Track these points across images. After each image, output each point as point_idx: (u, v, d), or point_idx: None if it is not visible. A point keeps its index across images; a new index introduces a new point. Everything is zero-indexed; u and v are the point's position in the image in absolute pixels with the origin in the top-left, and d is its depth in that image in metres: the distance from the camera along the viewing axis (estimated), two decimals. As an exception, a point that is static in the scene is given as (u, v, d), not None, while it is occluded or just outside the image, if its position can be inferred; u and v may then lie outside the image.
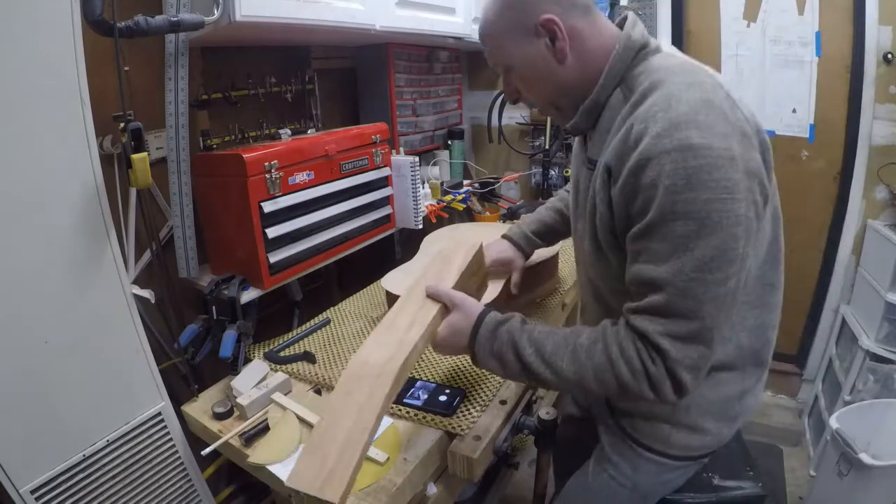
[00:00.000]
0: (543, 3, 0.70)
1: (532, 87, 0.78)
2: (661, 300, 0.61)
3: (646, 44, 0.72)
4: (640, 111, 0.64)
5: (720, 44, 1.94)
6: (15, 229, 0.80)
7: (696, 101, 0.60)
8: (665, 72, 0.66)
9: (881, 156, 1.76)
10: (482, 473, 0.90)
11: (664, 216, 0.59)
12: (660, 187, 0.59)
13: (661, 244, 0.61)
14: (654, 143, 0.59)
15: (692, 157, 0.57)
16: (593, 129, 0.76)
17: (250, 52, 1.43)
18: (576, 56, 0.72)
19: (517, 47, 0.74)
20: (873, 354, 1.62)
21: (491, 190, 1.98)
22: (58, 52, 0.82)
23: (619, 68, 0.71)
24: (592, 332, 0.70)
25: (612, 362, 0.65)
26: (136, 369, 1.00)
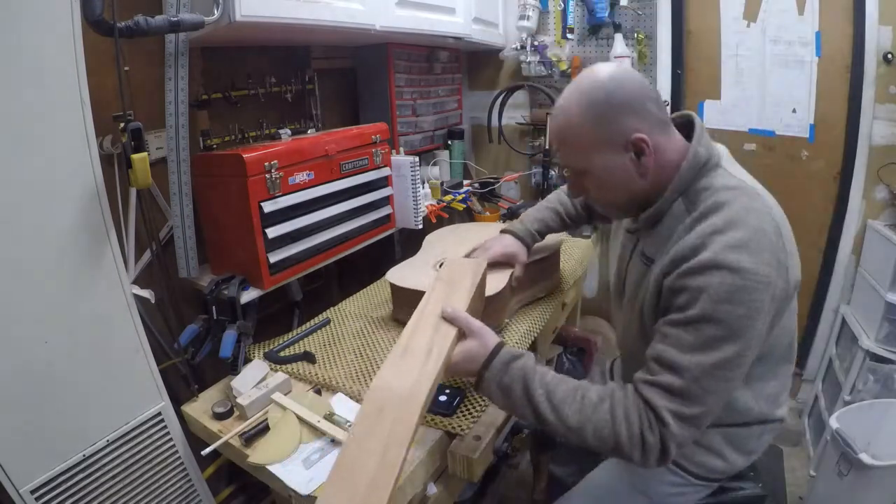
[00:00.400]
0: (635, 122, 0.76)
1: (605, 192, 0.84)
2: (676, 382, 0.70)
3: (709, 159, 0.78)
4: (703, 227, 0.73)
5: (720, 44, 1.94)
6: (15, 229, 0.80)
7: (752, 229, 0.70)
8: (727, 194, 0.75)
9: (881, 156, 1.76)
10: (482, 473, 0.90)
11: (702, 317, 0.69)
12: (705, 293, 0.69)
13: (691, 337, 0.70)
14: (710, 257, 0.69)
15: (738, 278, 0.67)
16: (651, 229, 0.83)
17: (250, 52, 1.43)
18: (655, 170, 0.79)
19: (601, 157, 0.79)
20: (873, 354, 1.62)
21: (491, 190, 1.98)
22: (58, 52, 0.82)
23: (684, 183, 0.78)
24: (601, 390, 0.77)
25: (615, 422, 0.73)
26: (136, 369, 1.00)
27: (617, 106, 0.76)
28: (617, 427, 0.73)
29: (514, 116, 2.27)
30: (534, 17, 2.06)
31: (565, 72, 2.10)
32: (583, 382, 0.79)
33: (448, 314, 0.83)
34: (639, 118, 0.76)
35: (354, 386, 1.04)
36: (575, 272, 1.54)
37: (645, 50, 1.98)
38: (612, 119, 0.76)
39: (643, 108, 0.76)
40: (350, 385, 1.04)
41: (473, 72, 2.37)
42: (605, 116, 0.76)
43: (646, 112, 0.76)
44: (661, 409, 0.71)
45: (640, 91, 0.77)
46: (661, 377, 0.72)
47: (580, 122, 0.78)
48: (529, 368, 0.80)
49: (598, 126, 0.77)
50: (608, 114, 0.76)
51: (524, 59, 2.11)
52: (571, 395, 0.76)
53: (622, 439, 0.72)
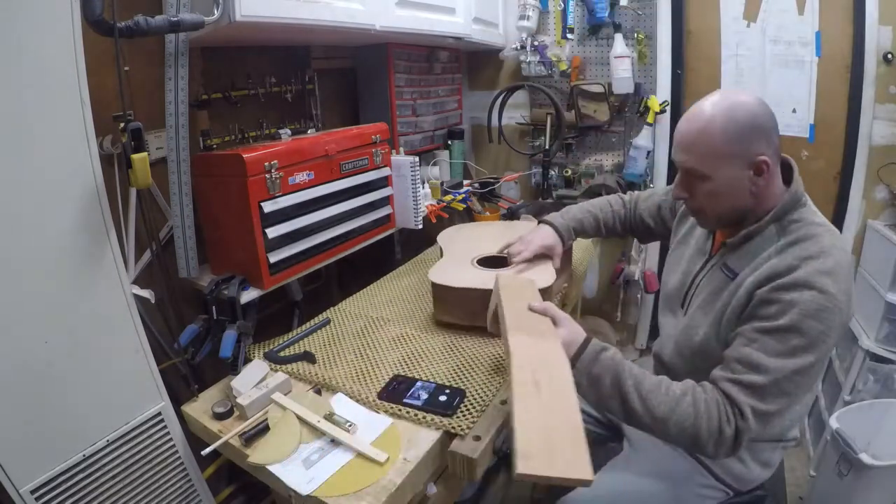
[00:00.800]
0: (763, 146, 0.84)
1: (714, 201, 0.90)
2: (759, 380, 0.78)
3: (802, 198, 0.89)
4: (797, 251, 0.82)
5: (720, 44, 1.94)
6: (15, 229, 0.80)
7: (837, 262, 0.80)
8: (817, 228, 0.85)
9: (881, 156, 1.76)
10: (482, 473, 0.90)
11: (790, 327, 0.78)
12: (796, 307, 0.77)
13: (778, 344, 0.78)
14: (804, 276, 0.79)
15: (825, 299, 0.77)
16: (739, 246, 0.91)
17: (250, 52, 1.43)
18: (761, 192, 0.87)
19: (728, 169, 0.86)
20: (873, 354, 1.62)
21: (491, 190, 1.98)
22: (58, 52, 0.82)
23: (781, 212, 0.87)
24: (682, 385, 0.84)
25: (697, 415, 0.80)
26: (136, 369, 1.00)
27: (757, 128, 0.84)
28: (698, 420, 0.79)
29: (514, 116, 2.27)
30: (534, 17, 2.06)
31: (565, 72, 2.10)
32: (663, 377, 0.86)
33: (538, 307, 0.89)
34: (767, 144, 0.85)
35: (354, 386, 1.04)
36: (575, 272, 1.54)
37: (645, 50, 1.98)
38: (749, 138, 0.84)
39: (772, 136, 0.85)
40: (350, 385, 1.04)
41: (473, 72, 2.37)
42: (745, 134, 0.84)
43: (773, 141, 0.86)
44: (742, 403, 0.78)
45: (773, 121, 0.86)
46: (745, 376, 0.79)
47: (722, 131, 0.84)
48: (619, 360, 0.86)
49: (736, 140, 0.84)
50: (748, 133, 0.84)
51: (524, 59, 2.11)
52: (657, 387, 0.83)
53: (702, 431, 0.79)
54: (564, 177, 2.21)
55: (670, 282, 1.08)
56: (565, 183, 2.21)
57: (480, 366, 1.08)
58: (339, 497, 0.79)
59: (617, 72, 1.95)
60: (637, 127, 2.04)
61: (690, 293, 1.01)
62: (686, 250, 1.07)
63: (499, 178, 2.06)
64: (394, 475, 0.83)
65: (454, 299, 1.18)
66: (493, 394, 1.00)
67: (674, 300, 1.06)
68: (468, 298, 1.16)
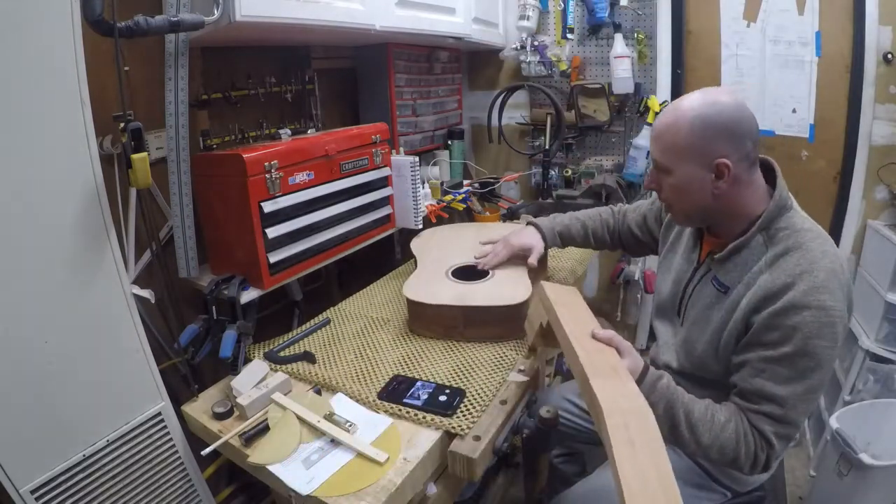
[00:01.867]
0: (725, 148, 0.83)
1: (678, 196, 0.91)
2: (778, 411, 0.81)
3: (787, 202, 0.88)
4: (785, 265, 0.82)
5: (720, 44, 1.94)
6: (15, 229, 0.80)
7: (829, 271, 0.79)
8: (805, 234, 0.84)
9: (881, 156, 1.76)
10: (482, 473, 0.90)
11: (796, 352, 0.79)
12: (799, 332, 0.78)
13: (787, 370, 0.80)
14: (801, 297, 0.79)
15: (825, 316, 0.78)
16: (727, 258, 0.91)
17: (250, 52, 1.43)
18: (726, 196, 0.87)
19: (686, 166, 0.87)
20: (873, 354, 1.62)
21: (491, 190, 1.98)
22: (58, 52, 0.82)
23: (766, 221, 0.87)
24: (727, 411, 0.86)
25: (737, 443, 0.83)
26: (136, 369, 1.00)
27: (721, 129, 0.83)
28: (738, 446, 0.83)
29: (514, 116, 2.27)
30: (534, 17, 2.06)
31: (565, 72, 2.10)
32: (710, 402, 0.88)
33: (603, 336, 0.88)
34: (733, 148, 0.83)
35: (354, 386, 1.04)
36: (575, 272, 1.54)
37: (645, 50, 1.98)
38: (711, 138, 0.83)
39: (741, 141, 0.84)
40: (350, 385, 1.04)
41: (473, 72, 2.37)
42: (709, 133, 0.83)
43: (741, 146, 0.84)
44: (768, 433, 0.82)
45: (748, 126, 0.84)
46: (765, 407, 0.82)
47: (688, 127, 0.84)
48: (672, 389, 0.88)
49: (698, 138, 0.84)
50: (711, 132, 0.83)
51: (524, 59, 2.11)
52: (705, 416, 0.86)
53: (741, 456, 0.83)
54: (564, 177, 2.21)
55: (663, 290, 1.08)
56: (565, 183, 2.21)
57: (480, 366, 1.08)
58: (339, 497, 0.79)
59: (617, 72, 1.95)
60: (637, 127, 2.04)
61: (684, 303, 1.01)
62: (675, 258, 1.06)
63: (499, 178, 2.06)
64: (394, 475, 0.83)
65: (430, 315, 1.18)
66: (493, 394, 1.00)
67: (668, 309, 1.06)
68: (443, 314, 1.16)
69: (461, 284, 1.24)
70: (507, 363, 1.09)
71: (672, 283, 1.05)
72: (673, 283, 1.05)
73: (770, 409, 0.81)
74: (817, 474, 1.61)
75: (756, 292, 0.84)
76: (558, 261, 1.60)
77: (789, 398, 0.80)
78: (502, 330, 1.16)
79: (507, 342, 1.16)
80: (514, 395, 1.01)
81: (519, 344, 1.16)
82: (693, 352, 0.97)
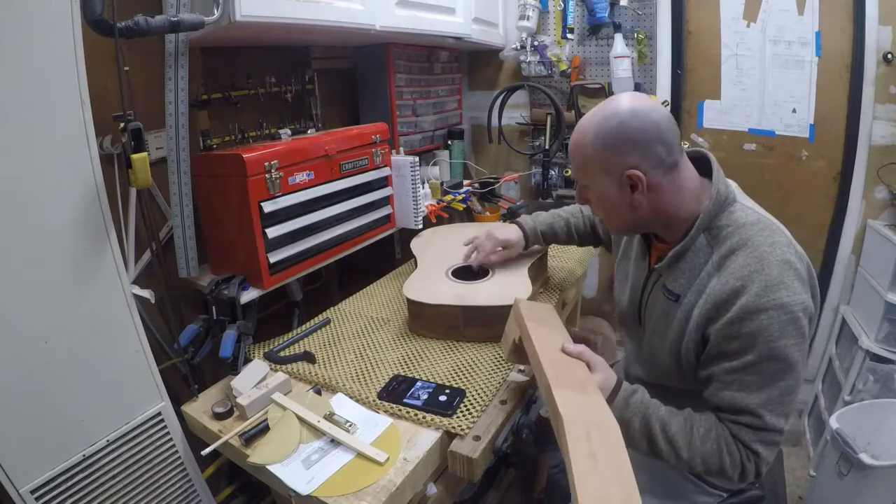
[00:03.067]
0: (633, 158, 0.80)
1: (602, 211, 0.91)
2: (757, 421, 0.78)
3: (728, 195, 0.83)
4: (733, 267, 0.78)
5: (720, 44, 1.94)
6: (15, 229, 0.80)
7: (780, 263, 0.75)
8: (749, 229, 0.80)
9: (881, 156, 1.75)
10: (482, 473, 0.90)
11: (760, 358, 0.75)
12: (759, 338, 0.74)
13: (756, 378, 0.77)
14: (755, 301, 0.74)
15: (785, 314, 0.74)
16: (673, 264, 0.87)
17: (250, 52, 1.43)
18: (650, 205, 0.83)
19: (600, 181, 0.85)
20: (873, 354, 1.62)
21: (491, 190, 1.98)
22: (58, 52, 0.82)
23: (706, 220, 0.82)
24: (707, 421, 0.83)
25: (720, 454, 0.80)
26: (136, 369, 1.00)
27: (623, 139, 0.80)
28: (722, 458, 0.80)
29: (514, 116, 2.27)
30: (534, 17, 2.06)
31: (565, 72, 2.10)
32: (689, 413, 0.85)
33: (573, 351, 0.86)
34: (641, 156, 0.80)
35: (354, 386, 1.04)
36: (575, 272, 1.54)
37: (645, 50, 1.98)
38: (614, 150, 0.81)
39: (649, 148, 0.79)
40: (350, 385, 1.04)
41: (473, 72, 2.37)
42: (610, 146, 0.81)
43: (651, 153, 0.80)
44: (750, 443, 0.79)
45: (653, 131, 0.79)
46: (742, 418, 0.79)
47: (592, 143, 0.82)
48: (647, 402, 0.85)
49: (603, 152, 0.82)
50: (613, 144, 0.81)
51: (524, 59, 2.11)
52: (683, 428, 0.83)
53: (726, 467, 0.80)
54: (564, 177, 2.21)
55: (623, 299, 1.05)
56: (565, 183, 2.21)
57: (480, 366, 1.08)
58: (339, 497, 0.79)
59: (617, 72, 1.95)
60: (637, 127, 2.04)
61: (642, 312, 0.98)
62: (628, 264, 1.04)
63: (499, 178, 2.06)
64: (394, 475, 0.83)
65: (430, 315, 1.18)
66: (493, 394, 1.00)
67: (629, 317, 1.04)
68: (444, 314, 1.16)
69: (461, 284, 1.24)
70: (507, 363, 1.09)
71: (629, 290, 1.02)
72: (630, 292, 1.02)
73: (748, 420, 0.78)
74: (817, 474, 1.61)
75: (707, 300, 0.80)
76: (558, 261, 1.60)
77: (765, 405, 0.77)
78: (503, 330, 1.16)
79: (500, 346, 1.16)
80: (513, 395, 1.01)
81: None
82: (657, 363, 0.94)
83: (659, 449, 0.83)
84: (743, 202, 0.85)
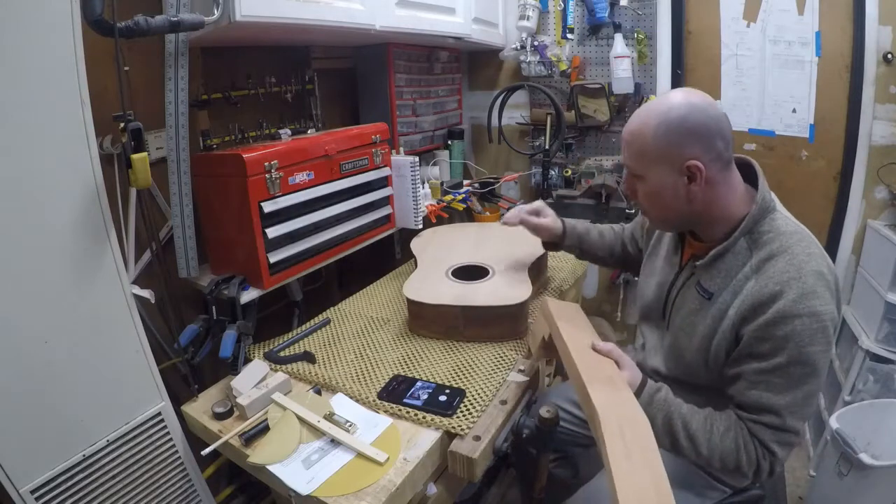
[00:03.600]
0: (695, 149, 0.81)
1: (653, 202, 0.90)
2: (777, 421, 0.81)
3: (770, 203, 0.86)
4: (772, 271, 0.80)
5: (720, 44, 1.94)
6: (15, 229, 0.80)
7: (816, 274, 0.78)
8: (788, 238, 0.82)
9: (881, 156, 1.75)
10: (482, 473, 0.90)
11: (790, 362, 0.78)
12: (791, 341, 0.77)
13: (783, 380, 0.79)
14: (791, 306, 0.77)
15: (816, 322, 0.77)
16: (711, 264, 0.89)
17: (250, 52, 1.43)
18: (703, 199, 0.85)
19: (657, 171, 0.85)
20: (873, 354, 1.62)
21: (491, 190, 1.98)
22: (58, 52, 0.82)
23: (750, 224, 0.85)
24: (727, 420, 0.86)
25: (738, 452, 0.83)
26: (136, 369, 1.00)
27: (686, 131, 0.81)
28: (739, 455, 0.83)
29: (513, 116, 2.27)
30: (534, 17, 2.06)
31: (565, 72, 2.10)
32: (710, 412, 0.88)
33: (602, 349, 0.90)
34: (702, 149, 0.81)
35: (354, 386, 1.04)
36: (575, 272, 1.54)
37: (645, 50, 1.98)
38: (677, 140, 0.82)
39: (710, 141, 0.82)
40: (350, 385, 1.04)
41: (473, 72, 2.37)
42: (674, 136, 0.82)
43: (711, 146, 0.82)
44: (769, 442, 0.82)
45: (715, 126, 0.82)
46: (764, 418, 0.81)
47: (653, 132, 0.83)
48: (671, 401, 0.88)
49: (665, 142, 0.83)
50: (677, 135, 0.82)
51: (524, 59, 2.11)
52: (703, 426, 0.86)
53: (742, 464, 0.83)
54: (564, 177, 2.21)
55: (647, 293, 1.06)
56: (565, 183, 2.21)
57: (480, 366, 1.08)
58: (339, 497, 0.80)
59: (617, 72, 1.95)
60: (637, 127, 2.04)
61: (668, 307, 0.99)
62: (657, 261, 1.05)
63: (499, 178, 2.06)
64: (394, 475, 0.83)
65: (431, 314, 1.18)
66: (493, 394, 1.00)
67: (653, 312, 1.05)
68: (443, 314, 1.16)
69: (461, 284, 1.24)
70: (507, 363, 1.09)
71: (656, 286, 1.03)
72: (657, 287, 1.03)
73: (769, 420, 0.81)
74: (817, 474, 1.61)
75: (744, 301, 0.82)
76: (558, 261, 1.60)
77: (788, 407, 0.80)
78: (502, 330, 1.16)
79: (507, 342, 1.16)
80: (513, 395, 1.01)
81: (519, 344, 1.16)
82: (681, 359, 0.96)
83: (680, 446, 0.86)
84: (782, 211, 0.87)
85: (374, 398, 1.00)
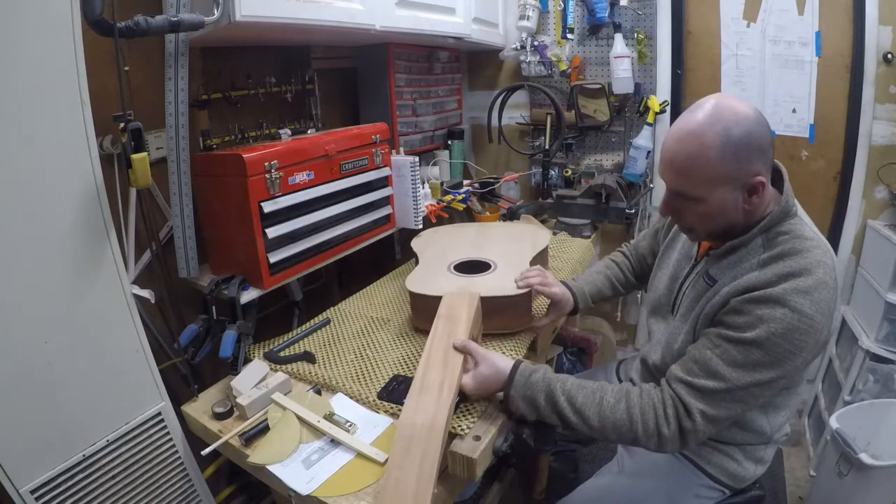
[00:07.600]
0: (758, 164, 0.80)
1: (706, 221, 0.87)
2: (712, 386, 0.79)
3: (792, 208, 0.85)
4: (778, 267, 0.80)
5: (720, 44, 1.94)
6: (15, 229, 0.80)
7: (818, 280, 0.77)
8: (804, 242, 0.81)
9: (881, 156, 1.75)
10: (482, 473, 0.90)
11: (754, 342, 0.77)
12: (765, 324, 0.76)
13: (739, 355, 0.78)
14: (780, 294, 0.76)
15: (796, 319, 0.75)
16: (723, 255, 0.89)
17: (250, 52, 1.43)
18: (755, 208, 0.84)
19: (721, 191, 0.82)
20: (873, 354, 1.62)
21: (491, 190, 1.98)
22: (58, 52, 0.82)
23: (769, 224, 0.84)
24: (617, 392, 0.86)
25: (632, 422, 0.83)
26: (136, 369, 1.00)
27: (754, 146, 0.79)
28: (634, 426, 0.83)
29: (514, 116, 2.27)
30: (534, 17, 2.06)
31: (565, 72, 2.10)
32: (601, 384, 0.88)
33: (459, 345, 0.92)
34: (763, 162, 0.80)
35: (354, 386, 1.04)
36: (575, 272, 1.54)
37: (645, 50, 1.98)
38: (746, 158, 0.79)
39: (768, 152, 0.81)
40: (350, 385, 1.04)
41: (473, 72, 2.37)
42: (741, 154, 0.78)
43: (768, 157, 0.81)
44: (691, 406, 0.80)
45: (768, 135, 0.81)
46: (699, 380, 0.80)
47: (718, 154, 0.78)
48: (550, 378, 0.88)
49: (733, 162, 0.79)
50: (744, 152, 0.78)
51: (524, 59, 2.11)
52: (591, 399, 0.86)
53: (639, 435, 0.83)
54: (564, 177, 2.21)
55: (659, 286, 1.07)
56: (565, 183, 2.21)
57: (480, 366, 1.08)
58: (339, 497, 0.80)
59: (617, 72, 1.95)
60: (637, 127, 2.04)
61: (678, 299, 1.00)
62: (673, 254, 1.06)
63: (499, 178, 2.06)
64: (394, 475, 0.82)
65: (432, 307, 1.17)
66: (493, 394, 1.00)
67: (663, 305, 1.05)
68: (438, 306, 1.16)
69: (463, 277, 1.24)
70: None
71: (669, 279, 1.04)
72: (669, 280, 1.04)
73: (704, 384, 0.79)
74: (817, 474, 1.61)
75: (740, 283, 0.82)
76: (558, 261, 1.60)
77: (729, 379, 0.78)
78: (506, 321, 1.16)
79: (506, 341, 1.16)
80: (514, 395, 1.01)
81: (520, 342, 1.16)
82: (673, 344, 0.95)
83: (569, 420, 0.86)
84: (803, 217, 0.87)
85: (374, 398, 1.00)
